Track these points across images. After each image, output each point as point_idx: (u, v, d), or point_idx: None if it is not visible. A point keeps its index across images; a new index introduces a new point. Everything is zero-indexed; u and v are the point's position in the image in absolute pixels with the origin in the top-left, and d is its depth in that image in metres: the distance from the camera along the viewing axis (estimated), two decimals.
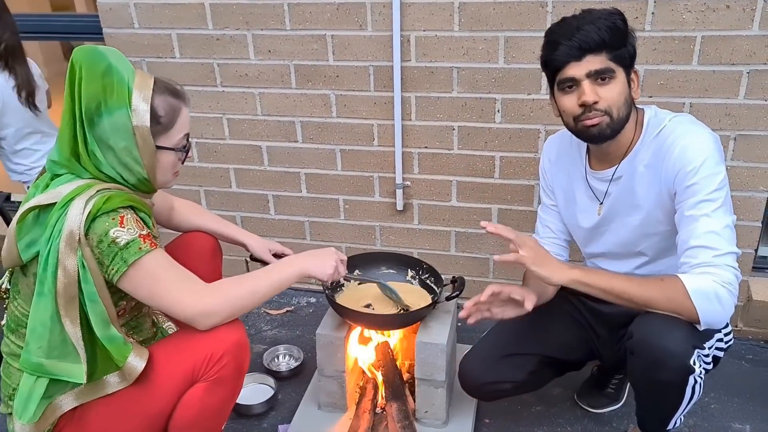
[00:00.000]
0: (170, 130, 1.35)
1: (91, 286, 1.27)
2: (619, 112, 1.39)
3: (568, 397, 2.03)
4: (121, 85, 1.28)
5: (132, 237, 1.27)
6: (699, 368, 1.38)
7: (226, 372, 1.38)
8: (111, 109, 1.27)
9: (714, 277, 1.31)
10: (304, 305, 2.61)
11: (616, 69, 1.37)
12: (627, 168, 1.49)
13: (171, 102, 1.34)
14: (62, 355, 1.31)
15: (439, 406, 1.82)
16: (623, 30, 1.36)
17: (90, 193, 1.26)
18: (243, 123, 2.42)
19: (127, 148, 1.30)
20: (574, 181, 1.63)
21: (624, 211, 1.54)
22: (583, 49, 1.34)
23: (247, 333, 2.32)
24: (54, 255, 1.24)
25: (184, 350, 1.39)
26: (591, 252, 1.69)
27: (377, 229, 2.48)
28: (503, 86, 2.12)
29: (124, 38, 2.37)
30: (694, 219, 1.35)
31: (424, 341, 1.75)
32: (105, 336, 1.30)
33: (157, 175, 1.37)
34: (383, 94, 2.23)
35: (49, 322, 1.28)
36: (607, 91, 1.37)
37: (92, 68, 1.27)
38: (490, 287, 1.52)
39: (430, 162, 2.30)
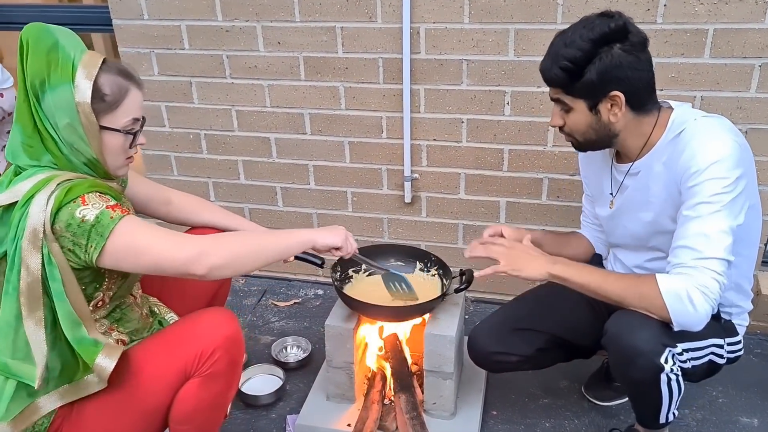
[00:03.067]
0: (116, 110, 1.30)
1: (58, 284, 1.24)
2: (583, 137, 1.47)
3: (576, 390, 2.04)
4: (66, 61, 1.26)
5: (99, 210, 1.23)
6: (671, 366, 1.39)
7: (219, 367, 1.37)
8: (54, 85, 1.25)
9: (689, 279, 1.32)
10: (312, 297, 2.61)
11: (572, 101, 1.42)
12: (645, 164, 1.50)
13: (119, 82, 1.30)
14: (26, 357, 1.28)
15: (447, 398, 1.83)
16: (575, 69, 1.36)
17: (50, 188, 1.23)
18: (252, 115, 2.42)
19: (72, 125, 1.27)
20: (602, 171, 1.65)
21: (637, 206, 1.55)
22: (545, 81, 1.45)
23: (255, 324, 2.42)
24: (18, 254, 1.22)
25: (175, 346, 1.38)
26: (611, 242, 1.73)
27: (385, 221, 2.48)
28: (513, 79, 2.11)
29: (134, 29, 2.37)
30: (688, 219, 1.36)
31: (433, 333, 1.76)
32: (73, 338, 1.27)
33: (106, 157, 1.33)
34: (392, 87, 2.22)
35: (14, 322, 1.26)
36: (568, 119, 1.46)
37: (38, 44, 1.26)
38: (489, 228, 1.72)
39: (439, 154, 2.29)
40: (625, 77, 1.37)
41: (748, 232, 1.48)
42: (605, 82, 1.37)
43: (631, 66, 1.36)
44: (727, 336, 1.55)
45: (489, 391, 2.02)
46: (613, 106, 1.41)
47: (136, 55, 2.40)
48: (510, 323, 1.76)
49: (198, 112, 2.47)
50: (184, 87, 2.43)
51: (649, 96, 1.44)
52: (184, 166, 2.59)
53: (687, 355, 1.45)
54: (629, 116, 1.44)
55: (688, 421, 1.89)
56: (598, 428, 1.89)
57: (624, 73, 1.36)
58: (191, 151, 2.55)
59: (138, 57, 2.40)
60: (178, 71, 2.41)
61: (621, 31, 1.35)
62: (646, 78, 1.40)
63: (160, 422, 1.42)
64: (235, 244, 1.34)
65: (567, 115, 1.46)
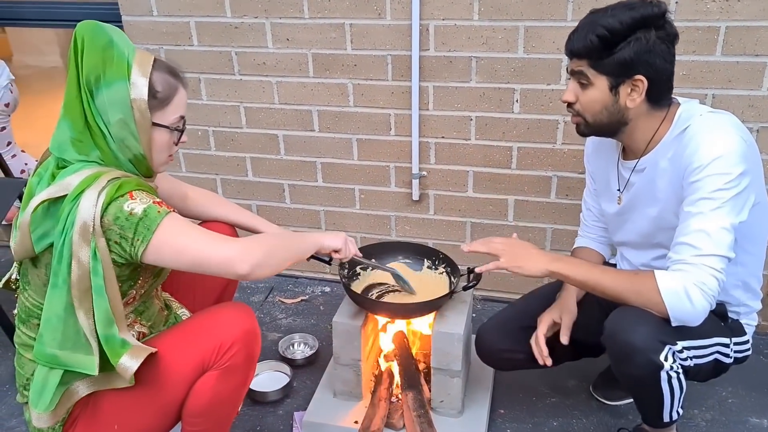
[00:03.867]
0: (166, 106, 1.35)
1: (99, 279, 1.26)
2: (594, 118, 1.45)
3: (584, 389, 2.03)
4: (121, 59, 1.29)
5: (147, 204, 1.27)
6: (671, 364, 1.38)
7: (237, 360, 1.39)
8: (109, 81, 1.28)
9: (687, 275, 1.32)
10: (319, 294, 2.61)
11: (595, 77, 1.40)
12: (651, 160, 1.49)
13: (169, 80, 1.35)
14: (76, 347, 1.30)
15: (454, 396, 1.82)
16: (611, 40, 1.35)
17: (101, 183, 1.25)
18: (260, 112, 2.42)
19: (124, 121, 1.30)
20: (609, 168, 1.64)
21: (644, 202, 1.54)
22: (571, 51, 1.42)
23: (262, 321, 2.43)
24: (68, 247, 1.24)
25: (193, 340, 1.40)
26: (617, 240, 1.72)
27: (392, 219, 2.47)
28: (522, 76, 2.10)
29: (143, 26, 2.37)
30: (690, 215, 1.35)
31: (441, 331, 1.75)
32: (104, 335, 1.29)
33: (153, 153, 1.37)
34: (401, 84, 2.21)
35: (63, 313, 1.28)
36: (583, 96, 1.43)
37: (94, 41, 1.28)
38: (543, 324, 1.65)
39: (447, 152, 2.29)
40: (653, 64, 1.36)
41: (755, 230, 1.47)
42: (635, 63, 1.36)
43: (661, 55, 1.36)
44: (733, 335, 1.53)
45: (496, 389, 2.01)
46: (633, 90, 1.40)
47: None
48: (518, 320, 1.75)
49: (206, 109, 2.47)
50: (192, 83, 2.42)
51: (667, 91, 1.43)
52: (193, 163, 2.59)
53: (689, 353, 1.43)
54: (644, 107, 1.43)
55: (697, 421, 1.88)
56: (606, 427, 1.88)
57: (654, 60, 1.36)
58: (199, 147, 2.55)
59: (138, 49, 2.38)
60: (187, 67, 2.40)
61: (661, 19, 1.36)
62: (669, 72, 1.40)
63: (174, 415, 1.42)
64: (269, 243, 1.41)
65: (583, 92, 1.43)
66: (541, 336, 1.62)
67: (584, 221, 1.84)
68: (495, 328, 1.79)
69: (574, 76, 1.44)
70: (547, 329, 1.63)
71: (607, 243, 1.82)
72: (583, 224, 1.85)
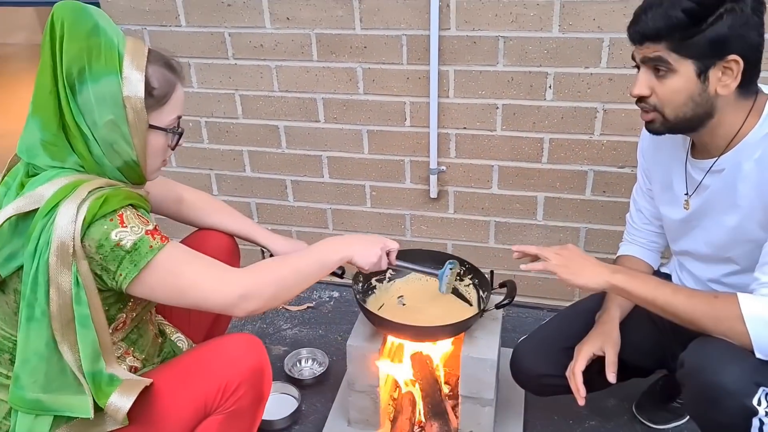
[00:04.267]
0: (163, 106, 1.20)
1: (84, 308, 1.12)
2: (676, 112, 1.24)
3: (626, 410, 1.85)
4: (110, 48, 1.13)
5: (138, 236, 1.12)
6: (765, 408, 1.18)
7: (244, 403, 1.26)
8: (97, 75, 1.12)
9: None
10: (326, 300, 2.42)
11: (677, 62, 1.19)
12: (732, 160, 1.28)
13: (166, 75, 1.20)
14: (62, 388, 1.16)
15: (485, 426, 1.65)
16: (700, 14, 1.14)
17: (80, 195, 1.09)
18: (258, 100, 2.23)
19: (115, 123, 1.14)
20: (673, 166, 1.44)
21: (720, 208, 1.34)
22: (643, 35, 1.21)
23: (265, 333, 2.22)
24: (44, 272, 1.09)
25: (194, 380, 1.26)
26: (679, 249, 1.52)
27: (407, 218, 2.29)
28: (556, 59, 1.90)
29: (122, 3, 2.17)
30: None
31: (472, 356, 1.57)
32: (90, 372, 1.15)
33: (147, 158, 1.22)
34: (417, 68, 2.02)
35: (45, 350, 1.13)
36: (661, 86, 1.23)
37: (76, 26, 1.12)
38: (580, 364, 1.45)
39: (470, 144, 2.10)
40: (750, 40, 1.16)
41: None
42: (731, 40, 1.15)
43: (756, 28, 1.16)
44: None
45: (528, 411, 1.83)
46: (725, 74, 1.18)
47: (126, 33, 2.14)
48: (561, 341, 1.56)
49: (197, 97, 2.28)
50: None
51: (757, 73, 1.22)
52: (184, 157, 2.41)
53: None
54: (733, 95, 1.21)
55: None
56: None
57: (750, 35, 1.15)
58: (191, 140, 2.36)
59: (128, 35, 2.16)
60: (175, 51, 2.11)
61: None
62: (763, 47, 1.19)
63: None
64: (277, 279, 1.25)
65: (661, 82, 1.22)
66: (578, 372, 1.43)
67: (632, 223, 1.64)
68: (534, 350, 1.61)
69: (647, 64, 1.22)
70: (586, 363, 1.44)
71: (657, 250, 1.63)
72: (630, 227, 1.65)
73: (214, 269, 1.21)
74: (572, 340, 1.53)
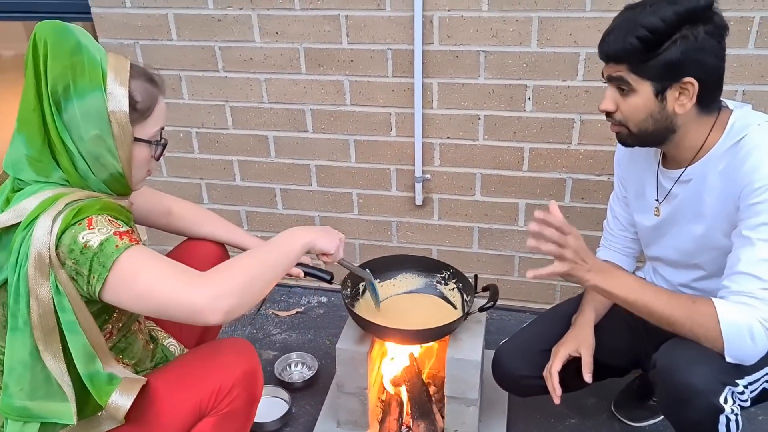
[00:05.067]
0: (147, 119, 1.21)
1: (69, 315, 1.12)
2: (639, 127, 1.30)
3: (605, 408, 1.91)
4: (93, 65, 1.14)
5: (106, 236, 1.10)
6: (731, 406, 1.25)
7: (237, 404, 1.27)
8: (82, 91, 1.13)
9: (754, 310, 1.18)
10: (315, 305, 2.46)
11: (637, 82, 1.26)
12: (698, 171, 1.34)
13: (149, 89, 1.21)
14: (48, 395, 1.17)
15: (470, 425, 1.69)
16: (654, 41, 1.20)
17: (57, 207, 1.11)
18: (248, 111, 2.25)
19: (100, 137, 1.15)
20: (646, 175, 1.49)
21: (687, 216, 1.40)
22: (607, 55, 1.28)
23: (255, 337, 2.26)
24: (24, 283, 1.10)
25: (188, 382, 1.28)
26: (651, 254, 1.58)
27: (394, 224, 2.32)
28: (535, 72, 1.95)
29: (115, 18, 2.18)
30: (750, 242, 1.21)
31: (457, 357, 1.61)
32: (86, 374, 1.15)
33: (132, 170, 1.23)
34: (402, 80, 2.06)
35: (29, 359, 1.14)
36: (624, 103, 1.30)
37: (59, 45, 1.12)
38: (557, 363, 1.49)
39: (453, 154, 2.14)
40: (704, 63, 1.21)
41: None
42: (684, 64, 1.21)
43: (712, 52, 1.21)
44: None
45: (512, 411, 1.88)
46: (683, 95, 1.25)
47: (119, 47, 2.21)
48: (540, 343, 1.61)
49: (188, 109, 2.29)
50: (172, 81, 2.24)
51: (718, 92, 1.29)
52: (174, 167, 2.42)
53: (747, 391, 1.30)
54: (693, 112, 1.28)
55: None
56: None
57: (705, 59, 1.21)
58: (182, 150, 2.37)
59: (121, 49, 2.20)
60: (166, 64, 2.22)
61: (708, 11, 1.20)
62: (721, 70, 1.25)
63: None
64: (245, 273, 1.18)
65: (624, 99, 1.29)
66: (554, 372, 1.48)
67: (609, 230, 1.69)
68: (514, 352, 1.65)
69: (613, 83, 1.29)
70: (562, 364, 1.49)
71: (633, 256, 1.68)
72: (607, 233, 1.70)
73: (180, 271, 1.15)
74: (551, 343, 1.58)
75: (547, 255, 1.26)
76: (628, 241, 1.65)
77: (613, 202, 1.67)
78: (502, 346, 1.68)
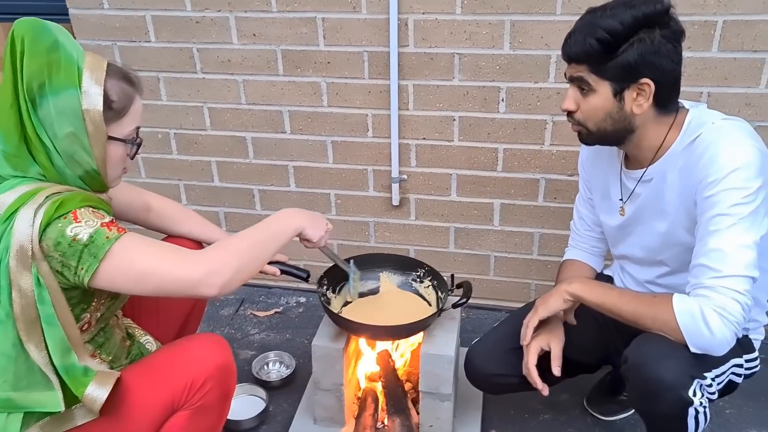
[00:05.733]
0: (122, 118, 1.22)
1: (48, 308, 1.14)
2: (598, 126, 1.35)
3: (577, 404, 1.94)
4: (69, 63, 1.15)
5: (94, 228, 1.13)
6: (700, 399, 1.29)
7: (210, 399, 1.29)
8: (57, 89, 1.14)
9: (706, 300, 1.23)
10: (294, 305, 2.47)
11: (596, 82, 1.30)
12: (658, 170, 1.38)
13: (125, 88, 1.22)
14: (32, 385, 1.18)
15: (444, 420, 1.71)
16: (612, 43, 1.25)
17: (38, 200, 1.12)
18: (226, 112, 2.26)
19: (75, 135, 1.17)
20: (610, 176, 1.54)
21: (650, 215, 1.44)
22: (569, 56, 1.33)
23: (234, 337, 2.26)
24: (5, 275, 1.11)
25: (161, 376, 1.29)
26: (618, 253, 1.62)
27: (371, 225, 2.35)
28: (508, 74, 1.98)
29: (93, 20, 2.19)
30: (706, 234, 1.26)
31: (430, 353, 1.63)
32: (62, 366, 1.17)
33: (107, 168, 1.24)
34: (379, 82, 2.08)
35: (12, 350, 1.15)
36: (584, 103, 1.34)
37: (37, 42, 1.13)
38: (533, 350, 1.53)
39: (429, 154, 2.17)
40: (660, 66, 1.26)
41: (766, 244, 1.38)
42: (641, 66, 1.25)
43: (668, 55, 1.25)
44: (744, 353, 1.45)
45: (486, 407, 1.91)
46: (640, 95, 1.29)
47: (97, 48, 2.21)
48: (509, 342, 1.63)
49: (167, 110, 2.30)
50: (151, 83, 2.25)
51: (675, 94, 1.33)
52: (153, 168, 2.42)
53: (715, 384, 1.34)
54: (651, 112, 1.32)
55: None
56: None
57: (660, 62, 1.25)
58: (160, 151, 2.38)
59: (99, 50, 2.20)
60: (144, 66, 2.23)
61: (665, 16, 1.25)
62: (677, 73, 1.29)
63: None
64: (239, 252, 1.24)
65: (584, 99, 1.33)
66: (532, 367, 1.51)
67: (576, 230, 1.73)
68: (485, 351, 1.67)
69: (574, 83, 1.34)
70: (536, 358, 1.52)
71: (600, 255, 1.72)
72: (574, 234, 1.74)
73: (173, 252, 1.20)
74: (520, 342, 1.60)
75: None
76: (594, 241, 1.69)
77: (579, 204, 1.71)
78: (473, 346, 1.71)
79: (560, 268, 1.73)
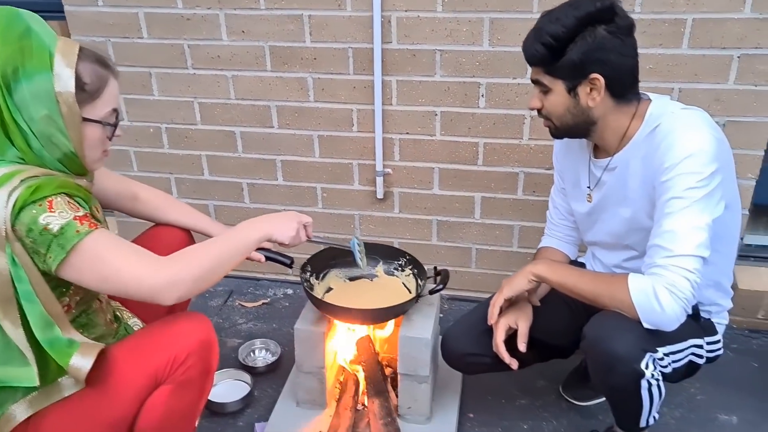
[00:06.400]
0: (96, 100, 1.24)
1: (26, 285, 1.17)
2: (560, 121, 1.43)
3: (553, 390, 1.99)
4: (41, 48, 1.18)
5: (65, 220, 1.16)
6: (652, 372, 1.36)
7: (192, 374, 1.32)
8: (30, 73, 1.17)
9: (658, 278, 1.29)
10: (281, 297, 2.52)
11: (551, 82, 1.38)
12: (622, 159, 1.45)
13: (98, 70, 1.24)
14: (7, 361, 1.21)
15: (422, 402, 1.77)
16: (557, 46, 1.32)
17: (13, 183, 1.14)
18: (215, 107, 2.32)
19: (50, 117, 1.19)
20: (579, 166, 1.60)
21: (615, 202, 1.51)
22: (526, 60, 1.41)
23: (222, 327, 2.32)
24: None
25: (145, 351, 1.32)
26: (588, 240, 1.69)
27: (356, 217, 2.40)
28: (488, 70, 2.05)
29: (88, 17, 2.25)
30: (662, 216, 1.32)
31: (408, 335, 1.69)
32: (45, 339, 1.19)
33: (85, 150, 1.26)
34: (363, 78, 2.14)
35: None
36: (546, 101, 1.42)
37: (9, 29, 1.17)
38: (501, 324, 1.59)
39: (412, 149, 2.22)
40: (607, 60, 1.32)
41: (726, 229, 1.45)
42: (586, 63, 1.32)
43: (614, 49, 1.32)
44: (706, 335, 1.52)
45: (465, 392, 1.96)
46: (593, 90, 1.36)
47: (91, 45, 2.20)
48: (484, 324, 1.68)
49: (158, 105, 2.36)
50: (143, 78, 2.31)
51: (631, 84, 1.39)
52: (145, 162, 2.48)
53: (668, 358, 1.40)
54: (609, 103, 1.39)
55: (666, 419, 1.86)
56: (576, 429, 1.84)
57: (606, 56, 1.32)
58: (152, 145, 2.43)
59: (92, 46, 2.23)
60: (137, 61, 2.29)
61: (607, 12, 1.31)
62: (629, 64, 1.36)
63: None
64: (201, 261, 1.27)
65: (545, 97, 1.42)
66: (500, 343, 1.57)
67: (551, 220, 1.80)
68: (460, 332, 1.74)
69: (535, 84, 1.42)
70: (504, 334, 1.58)
71: (574, 243, 1.78)
72: (549, 223, 1.81)
73: (140, 256, 1.22)
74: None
75: None
76: (568, 230, 1.76)
77: (554, 194, 1.77)
78: (448, 328, 1.77)
79: (535, 255, 1.80)
